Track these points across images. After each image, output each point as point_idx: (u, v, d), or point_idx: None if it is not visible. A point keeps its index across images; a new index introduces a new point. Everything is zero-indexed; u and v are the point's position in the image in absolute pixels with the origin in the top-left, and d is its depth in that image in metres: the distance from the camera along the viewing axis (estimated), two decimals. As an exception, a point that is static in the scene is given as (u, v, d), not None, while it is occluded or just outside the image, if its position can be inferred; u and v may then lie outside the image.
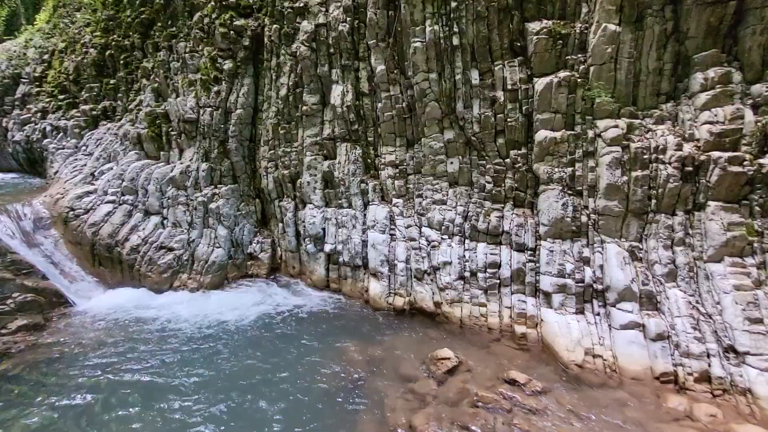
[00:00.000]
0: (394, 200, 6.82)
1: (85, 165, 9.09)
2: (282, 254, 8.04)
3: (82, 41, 11.10)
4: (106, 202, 7.94)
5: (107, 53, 10.22)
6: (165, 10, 9.33)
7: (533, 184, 5.93)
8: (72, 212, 7.82)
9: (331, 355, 5.35)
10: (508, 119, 5.92)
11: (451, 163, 6.37)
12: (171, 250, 7.41)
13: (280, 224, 7.93)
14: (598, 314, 5.15)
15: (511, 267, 5.86)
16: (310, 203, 7.44)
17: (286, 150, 7.68)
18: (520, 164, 5.96)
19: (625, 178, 5.10)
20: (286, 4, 7.45)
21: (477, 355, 5.22)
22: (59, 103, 11.10)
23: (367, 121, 7.04)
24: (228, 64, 7.88)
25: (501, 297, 5.94)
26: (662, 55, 5.21)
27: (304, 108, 7.33)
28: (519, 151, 5.97)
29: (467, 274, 6.13)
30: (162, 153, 8.40)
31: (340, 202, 7.24)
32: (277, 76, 7.71)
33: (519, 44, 5.87)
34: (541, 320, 5.52)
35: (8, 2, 14.60)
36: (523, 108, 5.84)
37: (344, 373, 4.97)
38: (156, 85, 8.90)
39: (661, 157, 4.98)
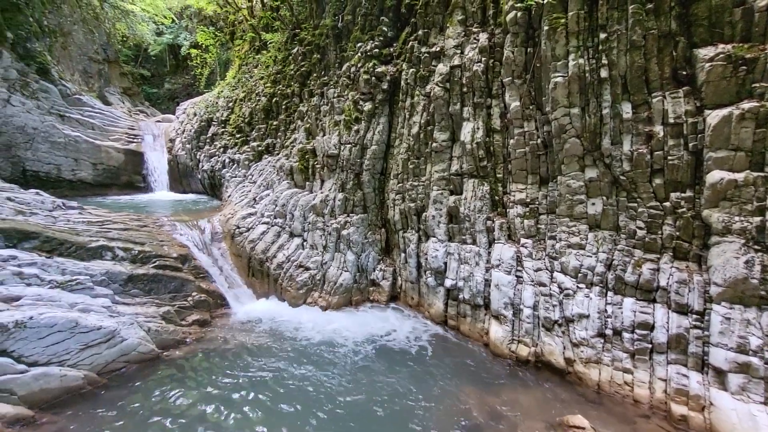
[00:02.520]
0: (523, 240, 6.45)
1: (250, 191, 10.97)
2: (402, 284, 8.27)
3: (256, 91, 13.69)
4: (262, 223, 9.40)
5: (273, 100, 12.38)
6: (320, 63, 10.94)
7: (701, 234, 4.96)
8: (238, 230, 9.45)
9: (444, 398, 5.20)
10: (669, 157, 5.14)
11: (593, 204, 5.77)
12: (307, 269, 8.30)
13: (403, 254, 8.22)
14: (805, 412, 3.91)
15: (668, 331, 4.91)
16: (434, 237, 7.55)
17: (413, 184, 8.03)
18: (683, 209, 5.07)
19: None
20: (423, 50, 7.99)
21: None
22: (236, 140, 13.76)
23: (496, 157, 6.93)
24: (367, 106, 8.72)
25: (653, 365, 5.01)
26: None
27: (434, 144, 7.60)
28: (682, 194, 5.10)
29: (609, 331, 5.36)
30: (307, 183, 9.63)
31: (463, 237, 7.17)
32: (410, 115, 8.22)
33: (684, 73, 5.13)
34: (711, 404, 4.45)
35: (210, 64, 18.94)
36: (690, 144, 5.01)
37: (458, 421, 4.75)
38: (308, 125, 10.37)
39: None
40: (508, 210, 6.76)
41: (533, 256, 6.30)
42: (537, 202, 6.41)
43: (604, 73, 5.51)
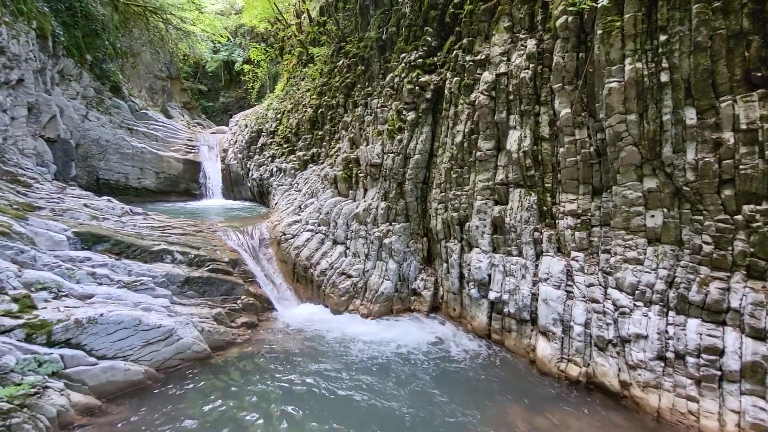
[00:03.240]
0: (573, 253, 6.15)
1: (296, 199, 11.36)
2: (444, 294, 8.15)
3: (303, 103, 14.23)
4: (306, 230, 9.69)
5: (319, 111, 12.80)
6: (364, 74, 11.19)
7: (782, 251, 4.47)
8: (283, 236, 9.81)
9: (489, 417, 5.03)
10: (741, 166, 4.70)
11: (652, 216, 5.40)
12: (349, 276, 8.43)
13: (445, 264, 8.12)
14: None
15: (741, 358, 4.46)
16: (477, 247, 7.39)
17: (456, 193, 7.93)
18: (759, 223, 4.60)
19: None
20: (468, 58, 7.93)
21: (684, 465, 4.07)
22: (283, 150, 14.34)
23: (545, 166, 6.70)
24: (411, 115, 8.77)
25: (723, 395, 4.56)
26: None
27: (478, 153, 7.49)
28: (757, 207, 4.63)
29: (670, 354, 4.95)
30: (351, 192, 9.82)
31: (509, 249, 6.97)
32: (453, 123, 8.16)
33: (759, 74, 4.70)
34: (796, 443, 3.96)
35: (260, 78, 19.97)
36: (766, 152, 4.57)
37: (505, 438, 4.58)
38: (352, 135, 10.60)
39: None
40: (557, 221, 6.48)
41: (585, 270, 5.98)
42: (589, 214, 6.10)
43: (664, 77, 5.17)
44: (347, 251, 8.97)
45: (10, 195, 7.04)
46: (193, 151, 18.37)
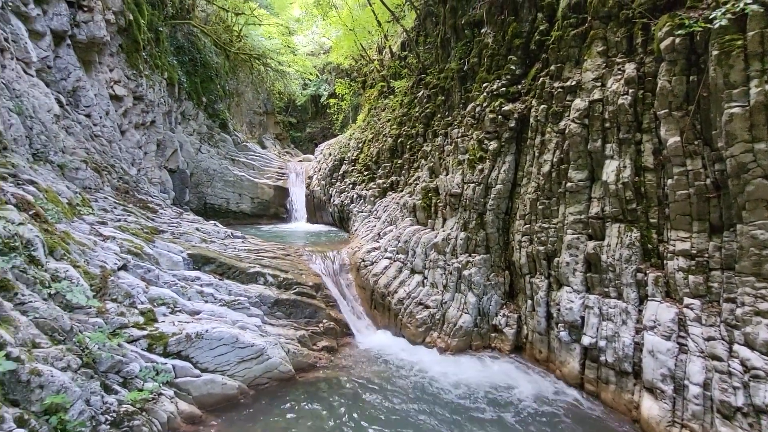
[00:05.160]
0: (687, 300, 5.37)
1: (375, 226, 11.70)
2: (528, 334, 7.63)
3: (383, 132, 14.81)
4: (385, 258, 9.87)
5: (399, 140, 13.20)
6: (444, 104, 11.34)
7: None
8: (363, 263, 10.10)
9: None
10: None
11: (794, 262, 4.53)
12: (427, 307, 8.33)
13: (529, 301, 7.63)
14: None
15: None
16: (568, 286, 6.84)
17: (543, 226, 7.50)
18: None
19: None
20: (556, 85, 7.62)
21: None
22: (363, 177, 14.97)
23: (649, 199, 6.05)
24: (493, 145, 8.61)
25: None
26: None
27: (569, 184, 7.04)
28: None
29: (829, 436, 3.99)
30: (429, 221, 9.84)
31: (605, 290, 6.33)
32: (540, 152, 7.81)
33: None
34: None
35: (344, 110, 21.34)
36: None
37: None
38: (431, 164, 10.71)
39: None
40: (665, 262, 5.75)
41: (702, 321, 5.18)
42: (707, 255, 5.32)
43: (806, 100, 4.42)
44: (425, 281, 8.91)
45: (142, 220, 8.34)
46: (282, 178, 20.07)
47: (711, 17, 5.16)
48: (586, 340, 6.31)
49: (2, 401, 3.50)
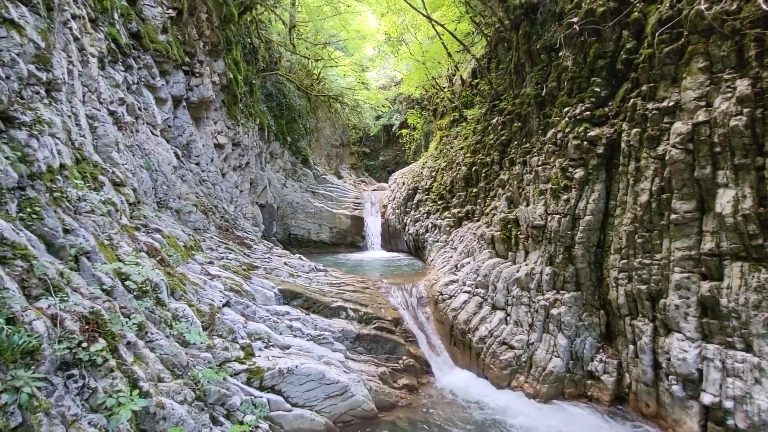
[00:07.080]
0: None
1: (451, 257, 11.55)
2: (631, 383, 6.79)
3: (456, 161, 14.76)
4: (463, 292, 9.64)
5: (473, 169, 13.03)
6: (521, 131, 11.00)
7: None
8: (440, 296, 9.98)
9: None
10: None
11: None
12: (512, 348, 7.90)
13: (631, 346, 6.83)
14: None
15: None
16: (678, 332, 6.02)
17: (644, 262, 6.76)
18: None
19: None
20: (650, 106, 6.99)
21: None
22: (438, 206, 14.96)
23: (781, 235, 5.16)
24: (579, 173, 8.09)
25: None
26: None
27: (673, 216, 6.30)
28: None
29: None
30: (510, 253, 9.44)
31: (728, 339, 5.44)
32: (635, 180, 7.14)
33: None
34: None
35: (416, 139, 21.77)
36: None
37: None
38: (509, 194, 10.36)
39: None
40: (810, 310, 4.80)
41: None
42: None
43: None
44: (508, 318, 8.49)
45: (240, 257, 9.28)
46: (358, 207, 20.90)
47: None
48: (706, 399, 5.43)
49: (136, 431, 4.07)
